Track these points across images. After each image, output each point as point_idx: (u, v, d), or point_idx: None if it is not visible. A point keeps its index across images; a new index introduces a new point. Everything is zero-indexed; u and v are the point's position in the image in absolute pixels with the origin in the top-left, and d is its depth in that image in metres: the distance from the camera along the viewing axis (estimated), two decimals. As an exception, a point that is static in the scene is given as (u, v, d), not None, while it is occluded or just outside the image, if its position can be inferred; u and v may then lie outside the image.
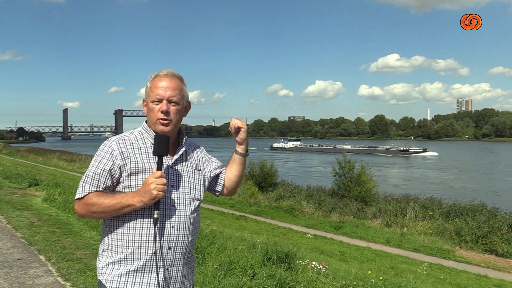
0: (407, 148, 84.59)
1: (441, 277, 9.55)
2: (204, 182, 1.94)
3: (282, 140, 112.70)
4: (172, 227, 1.74)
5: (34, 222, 7.33)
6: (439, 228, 15.19)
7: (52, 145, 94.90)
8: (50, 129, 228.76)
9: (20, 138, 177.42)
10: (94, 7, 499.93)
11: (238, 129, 1.95)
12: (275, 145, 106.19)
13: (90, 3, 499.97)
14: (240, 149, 2.02)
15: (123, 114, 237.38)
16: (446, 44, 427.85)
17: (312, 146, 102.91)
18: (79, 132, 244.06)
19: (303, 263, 5.20)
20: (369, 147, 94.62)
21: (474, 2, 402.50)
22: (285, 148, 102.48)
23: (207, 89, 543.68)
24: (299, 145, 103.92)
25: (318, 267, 5.06)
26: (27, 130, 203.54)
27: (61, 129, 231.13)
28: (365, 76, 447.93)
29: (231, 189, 2.08)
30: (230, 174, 2.05)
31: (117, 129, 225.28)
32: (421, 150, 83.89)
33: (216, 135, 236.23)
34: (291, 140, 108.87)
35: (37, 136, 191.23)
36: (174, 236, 1.74)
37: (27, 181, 13.43)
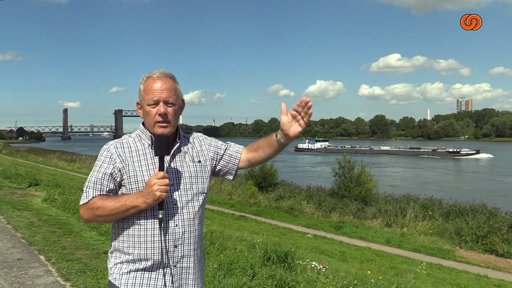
0: (458, 150, 76.79)
1: (441, 276, 9.55)
2: (207, 174, 1.89)
3: (308, 140, 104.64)
4: (176, 225, 1.74)
5: (34, 222, 7.33)
6: (439, 228, 15.18)
7: (52, 145, 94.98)
8: (50, 129, 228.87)
9: (20, 138, 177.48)
10: (96, 7, 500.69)
11: (305, 110, 1.70)
12: (300, 145, 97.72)
13: (92, 3, 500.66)
14: (284, 139, 1.79)
15: (123, 114, 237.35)
16: (447, 44, 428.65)
17: (344, 147, 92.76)
18: (79, 132, 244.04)
19: (303, 263, 5.19)
20: (410, 148, 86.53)
21: (474, 3, 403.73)
22: (312, 149, 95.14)
23: (207, 89, 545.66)
24: (328, 145, 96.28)
25: (318, 267, 5.06)
26: (27, 130, 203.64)
27: (61, 129, 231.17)
28: (366, 76, 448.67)
29: (254, 162, 1.94)
30: (256, 154, 1.91)
31: (117, 129, 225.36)
32: (474, 151, 76.24)
33: (217, 135, 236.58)
34: (318, 141, 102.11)
35: (37, 136, 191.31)
36: (179, 234, 1.74)
37: (27, 181, 13.44)
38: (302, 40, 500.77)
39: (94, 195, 1.70)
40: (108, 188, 1.72)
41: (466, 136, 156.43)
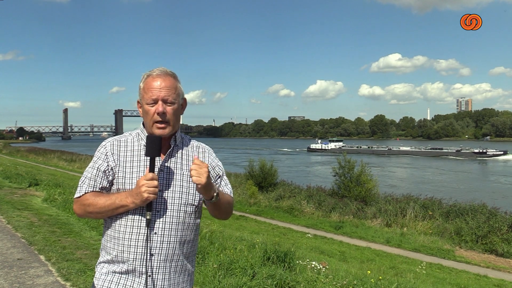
0: (484, 150, 71.92)
1: (441, 276, 9.55)
2: None
3: (320, 140, 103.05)
4: (155, 233, 1.67)
5: (34, 222, 7.34)
6: (439, 228, 15.18)
7: (52, 145, 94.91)
8: (50, 129, 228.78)
9: (20, 138, 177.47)
10: (96, 7, 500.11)
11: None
12: (313, 146, 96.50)
13: (92, 3, 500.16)
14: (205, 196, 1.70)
15: (123, 114, 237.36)
16: (447, 44, 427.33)
17: (360, 147, 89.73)
18: (79, 132, 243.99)
19: (303, 263, 5.20)
20: (432, 148, 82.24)
21: (475, 3, 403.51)
22: (325, 149, 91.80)
23: (208, 89, 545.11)
24: (342, 146, 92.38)
25: (318, 267, 5.07)
26: (27, 130, 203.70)
27: (61, 129, 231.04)
28: (366, 76, 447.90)
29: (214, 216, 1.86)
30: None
31: (117, 129, 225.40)
32: (501, 152, 71.21)
33: (217, 135, 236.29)
34: (332, 141, 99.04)
35: (37, 136, 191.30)
36: (157, 243, 1.68)
37: (27, 181, 13.45)
38: (302, 40, 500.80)
39: (86, 191, 1.70)
40: (101, 185, 1.72)
41: (492, 136, 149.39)
